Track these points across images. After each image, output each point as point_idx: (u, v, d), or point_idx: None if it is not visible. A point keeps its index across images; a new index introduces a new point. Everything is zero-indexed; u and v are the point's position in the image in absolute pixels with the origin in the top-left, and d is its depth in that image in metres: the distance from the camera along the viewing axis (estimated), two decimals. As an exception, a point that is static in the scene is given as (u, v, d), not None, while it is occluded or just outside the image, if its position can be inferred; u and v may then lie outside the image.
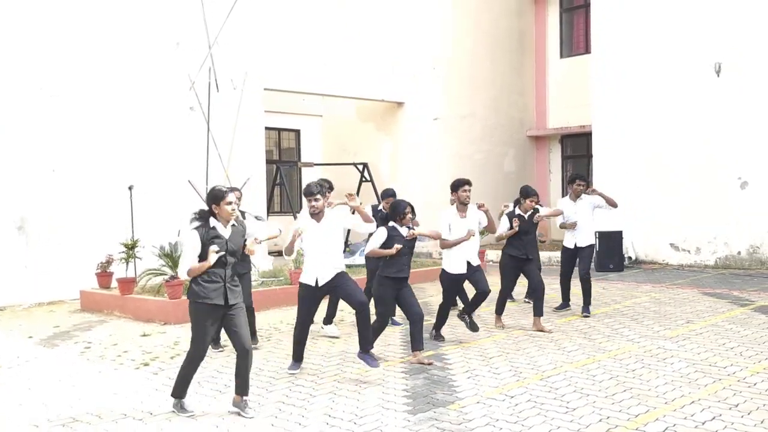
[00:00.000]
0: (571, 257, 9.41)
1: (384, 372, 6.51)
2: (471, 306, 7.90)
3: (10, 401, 5.91)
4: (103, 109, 11.84)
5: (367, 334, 6.36)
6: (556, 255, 12.52)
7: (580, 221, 9.20)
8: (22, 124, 11.11)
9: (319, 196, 6.32)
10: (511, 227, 8.29)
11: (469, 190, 7.67)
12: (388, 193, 8.80)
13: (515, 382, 6.12)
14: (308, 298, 6.49)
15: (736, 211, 13.82)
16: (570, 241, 9.33)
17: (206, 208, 5.40)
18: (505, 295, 8.64)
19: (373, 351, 6.48)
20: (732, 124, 13.81)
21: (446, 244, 7.59)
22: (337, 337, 8.17)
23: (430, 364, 6.78)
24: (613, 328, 8.41)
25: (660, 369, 6.45)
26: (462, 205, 7.67)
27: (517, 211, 8.46)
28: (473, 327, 7.86)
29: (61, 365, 7.14)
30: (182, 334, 8.46)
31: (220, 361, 7.09)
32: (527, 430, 4.92)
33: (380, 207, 8.94)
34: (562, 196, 19.09)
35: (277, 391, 6.01)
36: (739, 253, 13.89)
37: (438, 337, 7.91)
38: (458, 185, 7.70)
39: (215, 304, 5.29)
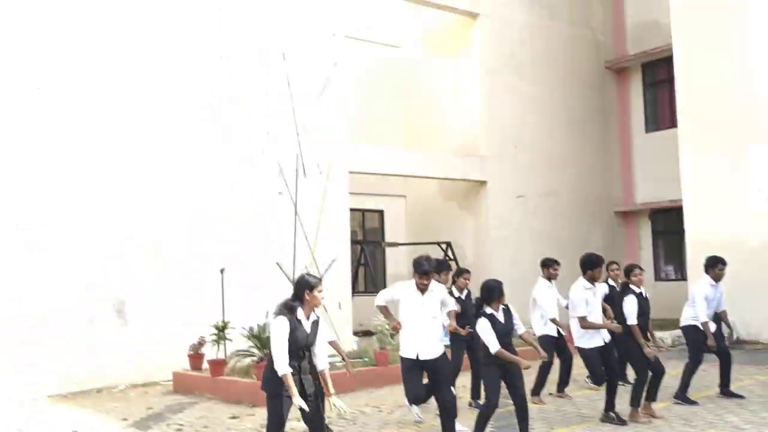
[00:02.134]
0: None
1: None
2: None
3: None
4: (205, 200, 12.44)
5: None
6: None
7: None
8: (126, 207, 11.77)
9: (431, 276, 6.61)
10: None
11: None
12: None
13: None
14: (412, 370, 6.54)
15: None
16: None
17: (290, 297, 5.50)
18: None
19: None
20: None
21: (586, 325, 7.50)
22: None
23: None
24: (716, 413, 7.92)
25: (771, 460, 6.01)
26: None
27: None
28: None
29: (153, 447, 7.27)
30: (270, 417, 8.49)
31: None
32: None
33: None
34: (656, 274, 18.52)
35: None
36: None
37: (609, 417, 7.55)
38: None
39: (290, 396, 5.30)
